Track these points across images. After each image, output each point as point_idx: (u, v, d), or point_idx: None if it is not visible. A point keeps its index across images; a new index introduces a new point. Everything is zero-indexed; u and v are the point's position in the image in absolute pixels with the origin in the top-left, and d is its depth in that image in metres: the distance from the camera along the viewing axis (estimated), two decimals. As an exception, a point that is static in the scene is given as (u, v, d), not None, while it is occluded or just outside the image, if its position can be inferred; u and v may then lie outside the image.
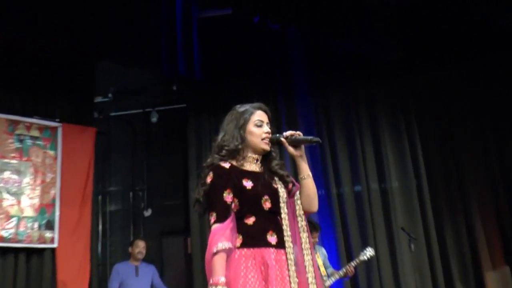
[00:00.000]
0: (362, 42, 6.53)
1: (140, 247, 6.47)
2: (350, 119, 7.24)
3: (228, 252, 2.36)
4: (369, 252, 5.34)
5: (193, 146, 7.49)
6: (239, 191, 2.47)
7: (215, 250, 2.33)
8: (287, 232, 2.51)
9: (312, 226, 5.76)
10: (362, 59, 7.12)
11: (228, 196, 2.45)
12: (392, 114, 7.19)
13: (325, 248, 6.29)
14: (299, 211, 2.60)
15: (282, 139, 2.58)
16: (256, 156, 2.60)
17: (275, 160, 2.65)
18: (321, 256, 5.57)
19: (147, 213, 8.01)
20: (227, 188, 2.45)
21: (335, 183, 7.12)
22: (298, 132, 2.59)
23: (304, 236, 2.56)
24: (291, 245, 2.49)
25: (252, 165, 2.60)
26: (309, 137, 2.55)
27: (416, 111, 7.14)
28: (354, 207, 6.98)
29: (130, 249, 6.54)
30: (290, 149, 2.57)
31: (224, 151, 2.56)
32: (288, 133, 2.58)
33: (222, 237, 2.36)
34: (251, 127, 2.59)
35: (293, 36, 7.42)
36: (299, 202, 2.61)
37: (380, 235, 6.77)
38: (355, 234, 6.85)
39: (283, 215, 2.53)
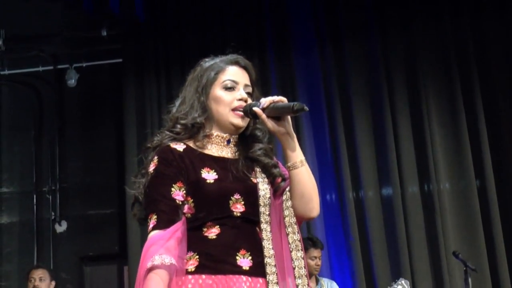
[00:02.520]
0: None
1: (34, 274, 6.55)
2: (377, 84, 7.38)
3: (170, 271, 2.37)
4: (402, 286, 5.47)
5: (133, 121, 7.58)
6: (195, 186, 2.51)
7: (149, 265, 2.35)
8: (268, 251, 2.54)
9: (309, 243, 5.90)
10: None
11: (177, 192, 2.49)
12: (443, 75, 7.36)
13: (337, 282, 6.46)
14: (290, 218, 2.63)
15: (256, 109, 2.59)
16: (226, 135, 2.65)
17: (258, 142, 2.68)
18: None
19: (61, 227, 8.07)
20: (178, 180, 2.50)
21: (353, 184, 7.26)
22: (280, 98, 2.60)
23: (298, 257, 2.60)
24: (274, 270, 2.53)
25: (221, 148, 2.64)
26: (291, 104, 2.55)
27: (480, 69, 7.31)
28: (381, 219, 7.13)
29: (27, 284, 6.60)
30: (270, 123, 2.57)
31: (178, 127, 2.61)
32: (266, 100, 2.58)
33: (161, 248, 2.38)
34: (217, 90, 2.62)
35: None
36: (289, 204, 2.64)
37: (420, 263, 6.93)
38: (382, 260, 7.00)
39: (263, 225, 2.57)
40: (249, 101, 2.64)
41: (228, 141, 2.65)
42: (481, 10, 7.45)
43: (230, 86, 2.63)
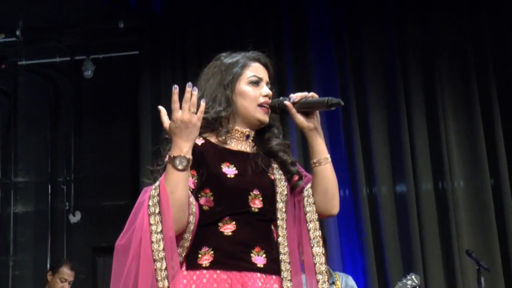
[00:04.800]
0: None
1: (66, 275, 6.57)
2: (393, 80, 7.36)
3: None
4: (412, 281, 5.47)
5: (148, 113, 7.59)
6: (216, 180, 2.54)
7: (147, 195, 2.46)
8: (284, 248, 2.58)
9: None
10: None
11: (189, 179, 2.48)
12: (459, 72, 7.32)
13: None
14: (312, 214, 2.65)
15: (287, 102, 2.63)
16: (246, 130, 2.67)
17: (276, 138, 2.71)
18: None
19: (75, 218, 8.09)
20: (191, 168, 2.49)
21: (366, 180, 7.25)
22: (311, 94, 2.65)
23: (318, 253, 2.63)
24: (288, 267, 2.56)
25: (240, 143, 2.67)
26: (326, 98, 2.62)
27: (496, 67, 7.25)
28: (394, 216, 7.12)
29: (49, 277, 6.61)
30: (300, 118, 2.63)
31: None
32: (297, 95, 2.64)
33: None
34: (242, 85, 2.66)
35: None
36: (311, 200, 2.66)
37: (432, 261, 6.92)
38: (394, 257, 7.00)
39: (279, 222, 2.60)
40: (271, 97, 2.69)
41: (247, 136, 2.68)
42: (499, 6, 7.41)
43: (255, 81, 2.67)
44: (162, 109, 2.45)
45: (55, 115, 8.42)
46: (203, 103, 2.44)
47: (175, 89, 2.41)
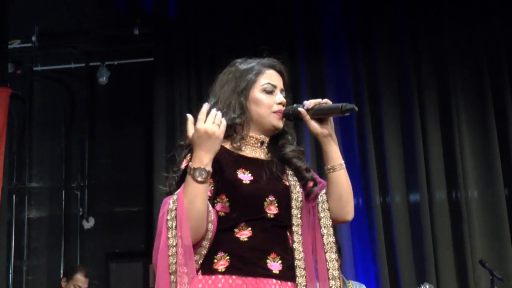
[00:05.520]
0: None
1: (80, 282, 6.58)
2: (407, 88, 7.36)
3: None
4: (426, 291, 5.48)
5: (162, 120, 7.63)
6: (231, 186, 2.55)
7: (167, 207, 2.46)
8: (299, 254, 2.59)
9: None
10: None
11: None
12: (474, 80, 7.31)
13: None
14: (326, 219, 2.66)
15: (301, 109, 2.64)
16: (261, 137, 2.68)
17: (290, 144, 2.72)
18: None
19: (88, 223, 8.14)
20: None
21: (380, 189, 7.25)
22: (325, 100, 2.65)
23: (332, 258, 2.63)
24: (303, 273, 2.57)
25: (255, 150, 2.67)
26: (339, 104, 2.60)
27: (511, 76, 7.25)
28: (407, 225, 7.10)
29: (63, 283, 6.66)
30: (314, 125, 2.63)
31: None
32: (311, 102, 2.64)
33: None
34: (257, 92, 2.66)
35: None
36: (326, 206, 2.67)
37: (446, 270, 6.90)
38: (407, 266, 6.98)
39: (294, 228, 2.61)
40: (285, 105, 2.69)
41: (262, 143, 2.69)
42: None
43: (270, 90, 2.67)
44: (190, 117, 2.47)
45: (69, 121, 8.46)
46: (224, 121, 2.45)
47: (206, 105, 2.46)
